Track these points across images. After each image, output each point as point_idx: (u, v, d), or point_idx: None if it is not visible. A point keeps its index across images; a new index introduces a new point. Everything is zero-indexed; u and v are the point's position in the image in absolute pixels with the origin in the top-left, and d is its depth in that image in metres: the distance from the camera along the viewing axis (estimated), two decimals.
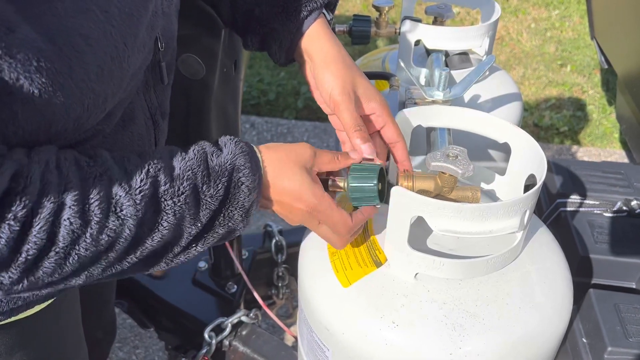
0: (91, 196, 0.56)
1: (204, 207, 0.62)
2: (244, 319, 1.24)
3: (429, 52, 1.14)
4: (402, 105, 0.97)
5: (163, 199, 0.60)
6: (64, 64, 0.54)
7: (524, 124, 2.74)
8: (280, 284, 1.49)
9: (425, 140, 0.92)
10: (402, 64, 1.04)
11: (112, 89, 0.61)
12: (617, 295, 0.97)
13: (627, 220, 1.09)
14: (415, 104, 0.92)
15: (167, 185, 0.60)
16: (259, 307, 1.33)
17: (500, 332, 0.68)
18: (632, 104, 1.80)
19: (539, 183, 0.68)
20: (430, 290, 0.70)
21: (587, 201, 1.14)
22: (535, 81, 3.07)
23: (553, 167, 1.22)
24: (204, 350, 1.20)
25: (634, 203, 1.10)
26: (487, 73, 1.16)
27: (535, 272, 0.73)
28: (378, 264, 0.73)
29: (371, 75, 1.14)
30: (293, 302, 1.56)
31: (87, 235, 0.56)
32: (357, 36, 1.21)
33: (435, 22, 1.17)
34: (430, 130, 0.91)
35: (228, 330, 1.21)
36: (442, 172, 0.71)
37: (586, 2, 2.10)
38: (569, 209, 1.13)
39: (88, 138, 0.64)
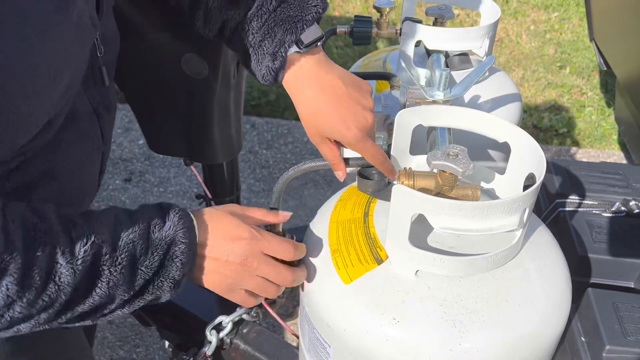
0: (34, 266, 0.57)
1: (139, 277, 0.65)
2: (245, 317, 1.24)
3: (429, 52, 1.15)
4: (403, 105, 0.98)
5: (101, 268, 0.62)
6: None
7: (523, 126, 2.75)
8: None
9: (425, 139, 0.93)
10: (403, 65, 1.05)
11: (42, 106, 0.61)
12: (615, 294, 0.98)
13: (625, 220, 1.10)
14: (416, 104, 0.93)
15: (108, 255, 0.62)
16: (260, 306, 1.33)
17: (500, 329, 0.68)
18: (630, 106, 1.80)
19: (538, 181, 0.68)
20: (431, 287, 0.71)
21: (585, 201, 1.14)
22: (535, 83, 3.08)
23: (552, 167, 1.23)
24: (206, 348, 1.20)
25: (632, 203, 1.11)
26: (487, 74, 1.17)
27: (535, 270, 0.74)
28: (379, 261, 0.74)
29: (372, 76, 1.15)
30: (293, 301, 1.57)
31: (24, 300, 0.58)
32: (358, 37, 1.22)
33: (435, 23, 1.18)
34: (430, 129, 0.92)
35: (229, 328, 1.22)
36: (443, 171, 0.72)
37: (585, 4, 2.11)
38: (567, 209, 1.14)
39: (31, 146, 0.65)
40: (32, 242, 0.58)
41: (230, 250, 0.71)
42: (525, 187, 0.77)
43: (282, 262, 0.75)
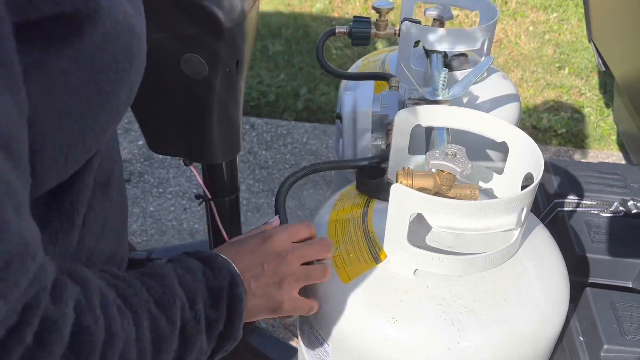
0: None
1: (214, 328, 0.61)
2: None
3: (428, 53, 1.15)
4: (402, 105, 0.98)
5: (188, 331, 0.58)
6: None
7: (522, 126, 2.76)
8: None
9: (424, 139, 0.93)
10: (401, 65, 1.06)
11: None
12: (613, 293, 0.99)
13: (623, 220, 1.11)
14: (415, 104, 0.93)
15: (188, 314, 0.58)
16: None
17: (498, 328, 0.69)
18: (629, 107, 1.81)
19: (536, 181, 0.69)
20: (429, 286, 0.71)
21: (584, 201, 1.15)
22: (534, 83, 3.08)
23: (550, 167, 1.23)
24: None
25: (630, 203, 1.12)
26: (486, 74, 1.18)
27: (533, 269, 0.74)
28: (378, 260, 0.74)
29: (371, 76, 1.15)
30: None
31: None
32: (357, 38, 1.22)
33: (434, 24, 1.19)
34: (429, 129, 0.92)
35: None
36: (441, 170, 0.72)
37: (584, 5, 2.12)
38: (566, 209, 1.14)
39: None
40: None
41: (262, 255, 0.69)
42: (524, 187, 0.78)
43: None
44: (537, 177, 0.70)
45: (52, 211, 0.53)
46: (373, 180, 0.82)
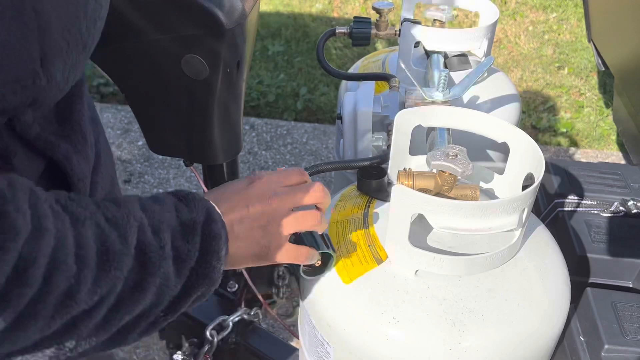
0: (87, 244, 0.50)
1: (185, 263, 0.58)
2: (245, 317, 1.25)
3: (428, 53, 1.15)
4: (402, 106, 0.98)
5: (149, 255, 0.55)
6: None
7: (522, 126, 2.76)
8: (280, 283, 1.50)
9: (425, 140, 0.93)
10: (402, 65, 1.06)
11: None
12: (614, 293, 0.99)
13: (623, 220, 1.11)
14: (415, 104, 0.93)
15: (151, 239, 0.55)
16: (260, 306, 1.34)
17: (499, 328, 0.69)
18: (629, 106, 1.81)
19: (537, 181, 0.69)
20: (431, 286, 0.71)
21: (584, 201, 1.15)
22: (533, 83, 3.09)
23: (551, 167, 1.23)
24: (206, 349, 1.21)
25: (630, 203, 1.12)
26: (486, 74, 1.18)
27: (534, 269, 0.74)
28: (379, 260, 0.74)
29: (371, 77, 1.15)
30: (293, 301, 1.57)
31: (85, 283, 0.49)
32: (358, 38, 1.22)
33: (434, 24, 1.19)
34: (430, 130, 0.92)
35: (229, 328, 1.22)
36: (442, 171, 0.72)
37: (583, 5, 2.12)
38: (566, 209, 1.14)
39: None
40: (77, 218, 0.50)
41: (246, 197, 0.64)
42: (524, 187, 0.78)
43: None
44: (538, 178, 0.70)
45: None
46: (374, 180, 0.82)
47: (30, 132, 0.55)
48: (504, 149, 0.84)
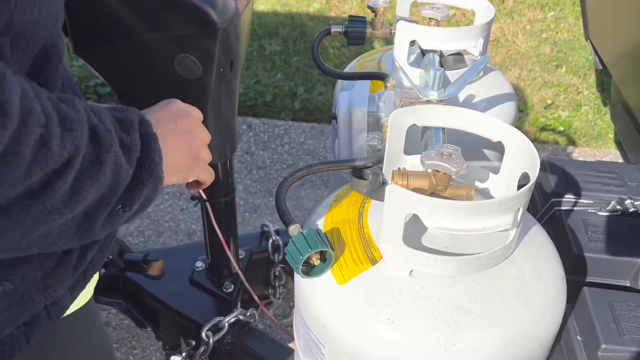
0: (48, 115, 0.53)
1: (132, 151, 0.61)
2: (241, 318, 1.24)
3: (424, 52, 1.15)
4: (397, 105, 0.98)
5: (100, 136, 0.58)
6: None
7: (519, 125, 2.76)
8: (277, 284, 1.50)
9: (419, 139, 0.93)
10: (397, 65, 1.05)
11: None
12: (611, 293, 0.98)
13: (620, 219, 1.10)
14: (410, 103, 0.93)
15: (99, 122, 0.58)
16: (256, 307, 1.33)
17: (495, 329, 0.68)
18: (626, 105, 1.81)
19: (532, 181, 0.68)
20: (425, 287, 0.70)
21: (581, 200, 1.14)
22: (531, 82, 3.08)
23: (548, 166, 1.23)
24: (202, 349, 1.20)
25: (627, 202, 1.11)
26: (482, 73, 1.17)
27: (529, 269, 0.74)
28: (373, 261, 0.74)
29: (366, 76, 1.15)
30: (290, 302, 1.57)
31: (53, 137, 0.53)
32: (353, 37, 1.22)
33: (430, 23, 1.18)
34: (424, 129, 0.91)
35: (225, 329, 1.22)
36: (437, 171, 0.72)
37: (580, 3, 2.11)
38: (563, 208, 1.14)
39: None
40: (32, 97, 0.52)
41: (169, 114, 0.72)
42: (520, 187, 0.77)
43: None
44: (533, 177, 0.69)
45: None
46: (368, 180, 0.82)
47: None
48: (499, 148, 0.83)
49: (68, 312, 0.76)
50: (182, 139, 0.73)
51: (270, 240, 1.46)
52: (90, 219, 0.60)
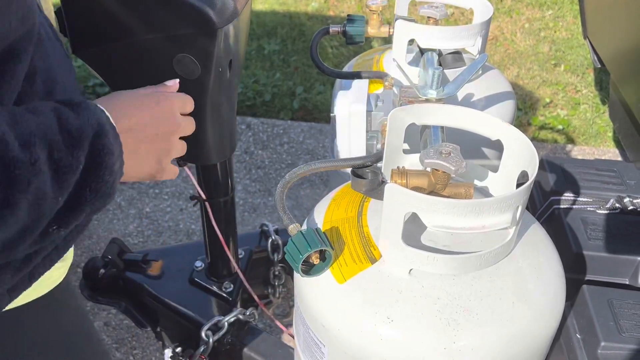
0: None
1: (66, 175, 0.56)
2: (240, 317, 1.24)
3: (422, 51, 1.15)
4: (396, 104, 0.98)
5: (14, 169, 0.51)
6: None
7: (518, 123, 2.76)
8: (276, 283, 1.50)
9: (418, 138, 0.93)
10: (396, 64, 1.05)
11: None
12: (610, 291, 0.99)
13: (619, 217, 1.11)
14: (409, 102, 0.93)
15: (18, 153, 0.51)
16: (256, 306, 1.33)
17: (494, 327, 0.68)
18: (624, 103, 1.81)
19: (531, 179, 0.68)
20: (425, 285, 0.70)
21: (580, 198, 1.15)
22: (530, 81, 3.08)
23: (547, 165, 1.23)
24: (202, 349, 1.20)
25: (626, 200, 1.11)
26: (480, 72, 1.17)
27: (528, 268, 0.74)
28: (373, 260, 0.74)
29: (365, 75, 1.15)
30: (290, 301, 1.57)
31: None
32: (351, 36, 1.22)
33: (428, 22, 1.18)
34: (423, 128, 0.91)
35: (225, 329, 1.22)
36: (436, 169, 0.72)
37: (579, 1, 2.11)
38: (562, 206, 1.14)
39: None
40: None
41: (156, 118, 0.68)
42: (519, 185, 0.77)
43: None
44: (532, 175, 0.69)
45: None
46: (368, 179, 0.82)
47: None
48: (497, 147, 0.83)
49: (29, 299, 0.74)
50: (156, 149, 0.68)
51: (270, 240, 1.46)
52: (11, 249, 0.55)
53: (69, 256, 0.82)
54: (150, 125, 0.67)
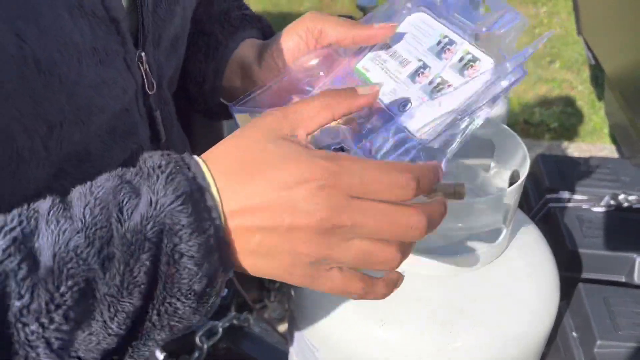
0: None
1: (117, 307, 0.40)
2: (235, 322, 1.23)
3: None
4: None
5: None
6: None
7: (514, 121, 2.76)
8: (271, 287, 1.49)
9: None
10: None
11: None
12: (606, 289, 0.98)
13: (615, 214, 1.10)
14: None
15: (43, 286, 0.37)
16: (251, 311, 1.33)
17: (488, 328, 0.68)
18: (620, 100, 1.80)
19: (522, 178, 0.68)
20: (417, 287, 0.70)
21: (575, 196, 1.14)
22: (525, 78, 3.08)
23: (542, 163, 1.23)
24: (196, 355, 1.19)
25: (621, 197, 1.11)
26: None
27: (521, 268, 0.74)
28: None
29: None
30: (285, 305, 1.56)
31: None
32: None
33: None
34: None
35: (219, 334, 1.21)
36: None
37: None
38: (558, 204, 1.14)
39: None
40: None
41: (293, 208, 0.40)
42: (511, 184, 0.77)
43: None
44: (523, 174, 0.69)
45: None
46: None
47: None
48: (489, 147, 0.83)
49: None
50: (288, 258, 0.43)
51: None
52: None
53: None
54: (301, 230, 0.42)
